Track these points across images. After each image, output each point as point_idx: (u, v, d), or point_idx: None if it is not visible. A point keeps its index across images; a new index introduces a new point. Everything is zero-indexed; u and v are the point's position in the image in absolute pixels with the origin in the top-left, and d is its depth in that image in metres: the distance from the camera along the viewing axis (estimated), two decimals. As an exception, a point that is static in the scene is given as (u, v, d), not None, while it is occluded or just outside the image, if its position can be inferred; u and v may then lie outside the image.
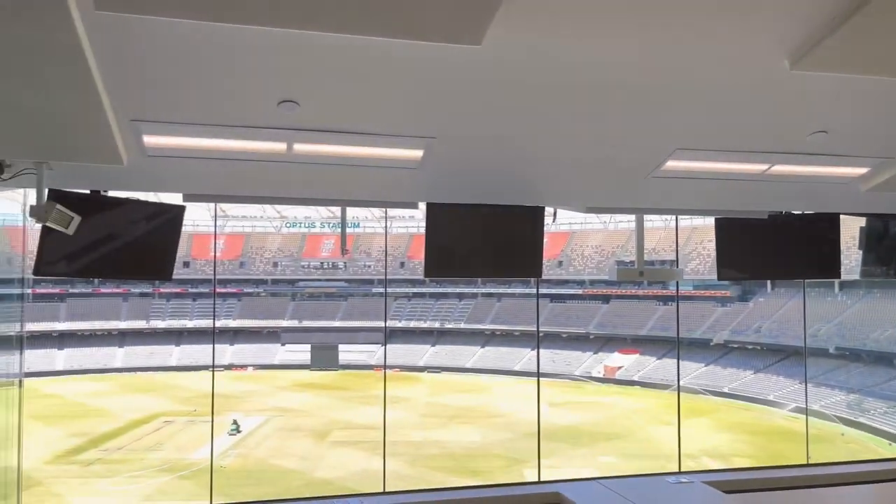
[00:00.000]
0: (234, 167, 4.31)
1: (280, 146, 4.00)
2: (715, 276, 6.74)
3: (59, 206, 4.01)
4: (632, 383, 52.36)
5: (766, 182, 4.95)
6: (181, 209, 4.99)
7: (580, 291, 64.22)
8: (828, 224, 6.14)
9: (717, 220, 6.03)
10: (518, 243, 5.53)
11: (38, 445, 32.37)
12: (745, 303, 56.92)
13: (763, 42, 3.11)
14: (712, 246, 7.15)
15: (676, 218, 15.01)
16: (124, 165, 3.86)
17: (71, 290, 63.26)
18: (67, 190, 4.38)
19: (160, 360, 59.67)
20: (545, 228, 5.67)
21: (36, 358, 54.12)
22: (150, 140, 3.82)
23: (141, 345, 62.17)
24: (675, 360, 52.70)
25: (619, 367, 55.41)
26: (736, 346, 53.16)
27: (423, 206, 5.31)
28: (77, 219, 4.16)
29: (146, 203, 4.89)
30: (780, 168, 4.71)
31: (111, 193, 4.67)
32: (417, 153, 4.19)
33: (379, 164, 4.41)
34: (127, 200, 4.81)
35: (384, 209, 61.39)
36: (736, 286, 56.23)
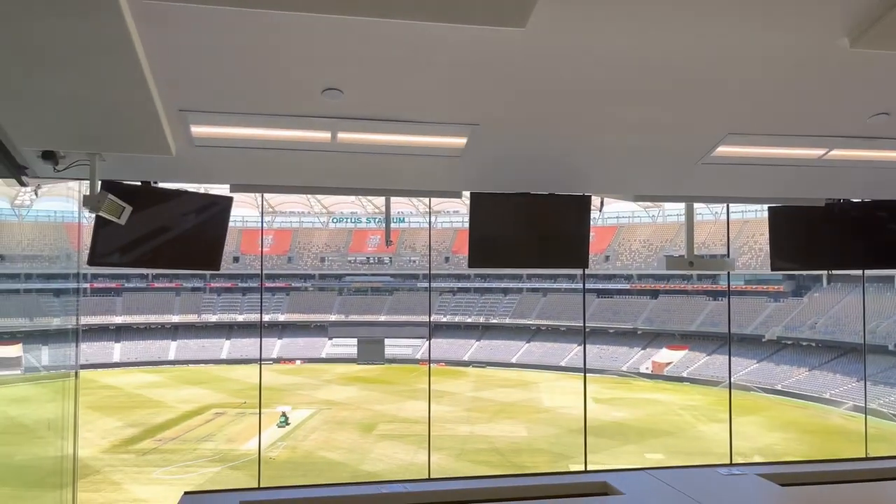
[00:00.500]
0: (279, 157, 4.34)
1: (324, 135, 4.01)
2: (767, 271, 6.50)
3: (111, 196, 4.10)
4: (680, 380, 51.45)
5: (824, 168, 4.76)
6: (229, 200, 5.05)
7: (627, 286, 63.37)
8: (889, 212, 5.88)
9: (770, 208, 5.83)
10: (564, 233, 5.40)
11: (97, 435, 33.50)
12: (799, 298, 55.31)
13: (820, 19, 2.97)
14: (763, 240, 6.92)
15: (728, 207, 14.60)
16: (173, 155, 3.92)
17: (126, 285, 65.23)
18: (119, 181, 4.47)
19: (211, 354, 61.18)
20: (591, 222, 5.56)
21: (94, 350, 56.01)
22: (197, 130, 3.87)
23: (193, 338, 63.80)
24: (725, 357, 51.61)
25: (668, 364, 54.50)
26: (789, 342, 51.68)
27: (466, 197, 5.27)
28: (128, 209, 4.24)
29: (195, 194, 4.95)
30: (838, 153, 4.52)
31: (161, 185, 4.75)
32: (461, 140, 4.15)
33: (422, 153, 4.38)
34: (176, 192, 4.88)
35: (428, 203, 61.59)
36: (789, 281, 54.69)
